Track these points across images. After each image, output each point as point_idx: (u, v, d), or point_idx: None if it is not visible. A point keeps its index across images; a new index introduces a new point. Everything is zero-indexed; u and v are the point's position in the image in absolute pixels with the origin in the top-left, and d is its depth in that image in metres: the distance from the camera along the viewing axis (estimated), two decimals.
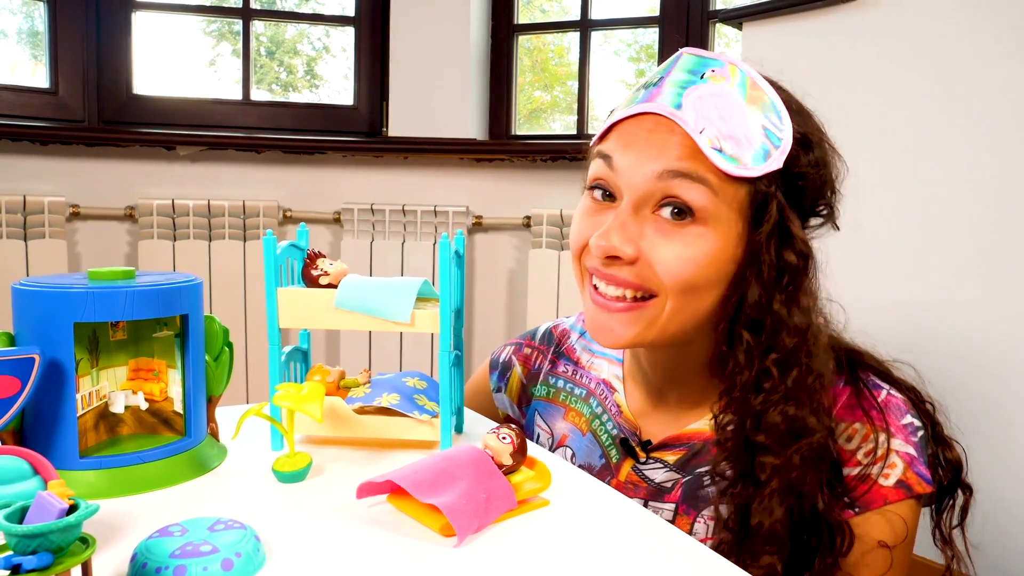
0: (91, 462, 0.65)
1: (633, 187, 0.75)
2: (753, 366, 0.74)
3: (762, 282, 0.74)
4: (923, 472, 0.76)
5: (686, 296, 0.75)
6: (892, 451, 0.76)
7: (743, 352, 0.74)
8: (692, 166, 0.72)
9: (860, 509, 0.75)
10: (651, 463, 0.85)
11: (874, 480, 0.75)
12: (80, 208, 2.31)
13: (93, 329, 0.69)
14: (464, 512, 0.56)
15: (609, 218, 0.76)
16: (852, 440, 0.77)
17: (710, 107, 0.73)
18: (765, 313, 0.74)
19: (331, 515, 0.60)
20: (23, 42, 2.44)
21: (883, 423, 0.77)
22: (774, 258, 0.73)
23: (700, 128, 0.72)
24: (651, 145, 0.74)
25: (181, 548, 0.49)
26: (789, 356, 0.73)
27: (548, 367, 1.01)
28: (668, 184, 0.73)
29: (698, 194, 0.72)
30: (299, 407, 0.65)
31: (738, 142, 0.72)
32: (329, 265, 0.75)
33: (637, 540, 0.58)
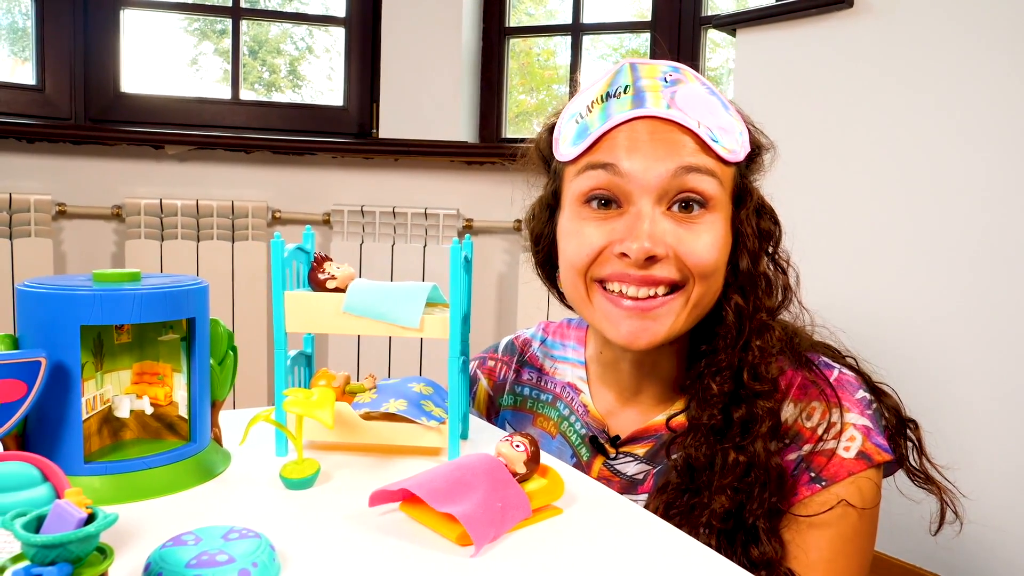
0: (96, 467, 0.63)
1: (648, 187, 0.77)
2: (744, 326, 0.79)
3: (748, 251, 0.81)
4: (880, 442, 0.79)
5: (708, 280, 0.80)
6: (849, 424, 0.78)
7: (733, 312, 0.80)
8: (702, 160, 0.78)
9: (826, 482, 0.77)
10: (621, 457, 0.88)
11: (836, 454, 0.78)
12: (66, 207, 2.28)
13: (98, 332, 0.68)
14: (481, 521, 0.55)
15: (620, 224, 0.79)
16: (812, 418, 0.79)
17: (694, 104, 0.79)
18: (753, 276, 0.81)
19: (343, 523, 0.59)
20: (4, 38, 2.41)
21: (837, 399, 0.79)
22: (755, 228, 0.82)
23: (697, 121, 0.78)
24: (659, 146, 0.77)
25: (197, 558, 0.48)
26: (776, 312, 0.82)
27: (513, 377, 1.04)
28: (683, 180, 0.77)
29: (709, 184, 0.78)
30: (310, 413, 0.65)
31: (726, 131, 0.80)
32: (336, 269, 0.74)
33: (651, 549, 0.58)
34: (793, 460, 0.79)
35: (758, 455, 0.76)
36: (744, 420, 0.78)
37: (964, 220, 1.53)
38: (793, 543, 0.78)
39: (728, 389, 0.79)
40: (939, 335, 1.56)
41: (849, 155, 1.71)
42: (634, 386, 0.90)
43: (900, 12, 1.62)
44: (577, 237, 0.82)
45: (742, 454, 0.76)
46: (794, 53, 1.80)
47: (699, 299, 0.80)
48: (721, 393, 0.78)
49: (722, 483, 0.76)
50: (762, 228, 0.83)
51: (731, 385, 0.79)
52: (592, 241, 0.80)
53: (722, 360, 0.80)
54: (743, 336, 0.80)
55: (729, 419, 0.78)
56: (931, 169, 1.57)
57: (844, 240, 1.71)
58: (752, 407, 0.78)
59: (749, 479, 0.76)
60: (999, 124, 1.47)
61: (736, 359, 0.79)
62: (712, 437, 0.78)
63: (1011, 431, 1.46)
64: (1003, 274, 1.47)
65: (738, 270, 0.81)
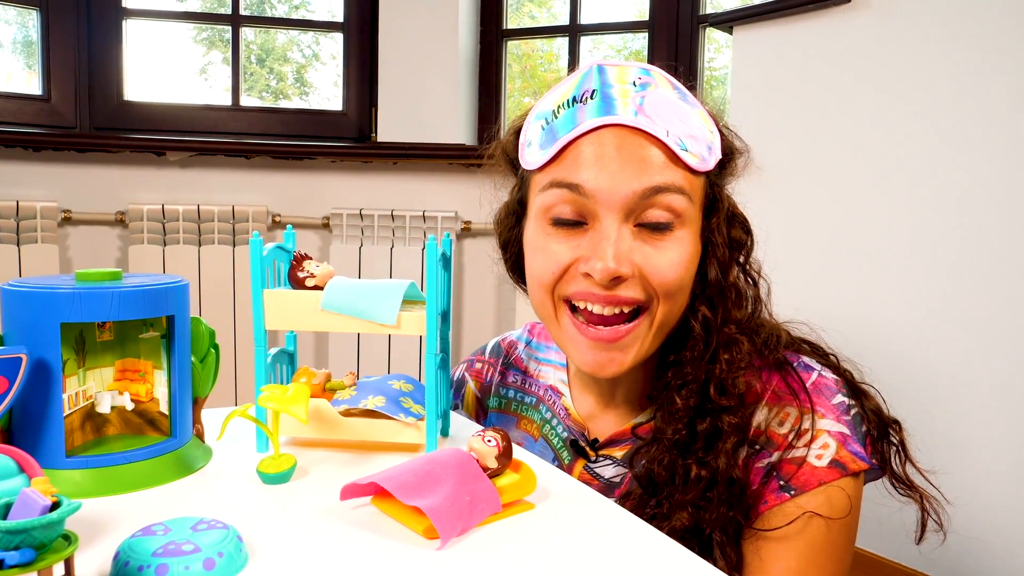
0: (77, 461, 0.65)
1: (615, 206, 0.75)
2: (711, 339, 0.78)
3: (718, 260, 0.79)
4: (857, 450, 0.76)
5: (673, 299, 0.78)
6: (823, 432, 0.76)
7: (700, 325, 0.78)
8: (671, 177, 0.75)
9: (796, 492, 0.75)
10: (601, 461, 0.87)
11: (807, 462, 0.75)
12: (72, 213, 2.31)
13: (80, 330, 0.69)
14: (448, 514, 0.56)
15: (586, 241, 0.76)
16: (784, 424, 0.77)
17: (663, 110, 0.76)
18: (723, 287, 0.79)
19: (314, 516, 0.60)
20: (18, 51, 2.44)
21: (810, 404, 0.77)
22: (726, 236, 0.79)
23: (666, 130, 0.74)
24: (627, 163, 0.74)
25: (163, 547, 0.49)
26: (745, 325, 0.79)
27: (498, 379, 1.03)
28: (652, 200, 0.75)
29: (678, 201, 0.75)
30: (284, 408, 0.66)
31: (696, 139, 0.76)
32: (315, 267, 0.75)
33: (622, 544, 0.59)
34: (763, 467, 0.77)
35: (720, 471, 0.74)
36: (708, 434, 0.76)
37: (966, 218, 1.52)
38: (759, 554, 0.76)
39: (693, 403, 0.77)
40: (928, 335, 1.56)
41: (847, 153, 1.71)
42: (609, 391, 0.89)
43: (898, 8, 1.62)
44: (543, 254, 0.79)
45: (704, 469, 0.74)
46: (791, 50, 1.80)
47: (664, 319, 0.78)
48: (686, 408, 0.76)
49: (683, 499, 0.74)
50: (733, 237, 0.80)
51: (697, 399, 0.77)
52: (558, 259, 0.78)
53: (688, 373, 0.78)
54: (710, 348, 0.77)
55: (693, 433, 0.76)
56: (931, 166, 1.57)
57: (839, 237, 1.71)
58: (717, 421, 0.76)
59: (710, 494, 0.74)
60: (999, 122, 1.47)
61: (703, 372, 0.77)
62: (675, 451, 0.76)
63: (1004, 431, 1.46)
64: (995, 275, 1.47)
65: (707, 280, 0.79)
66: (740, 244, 0.81)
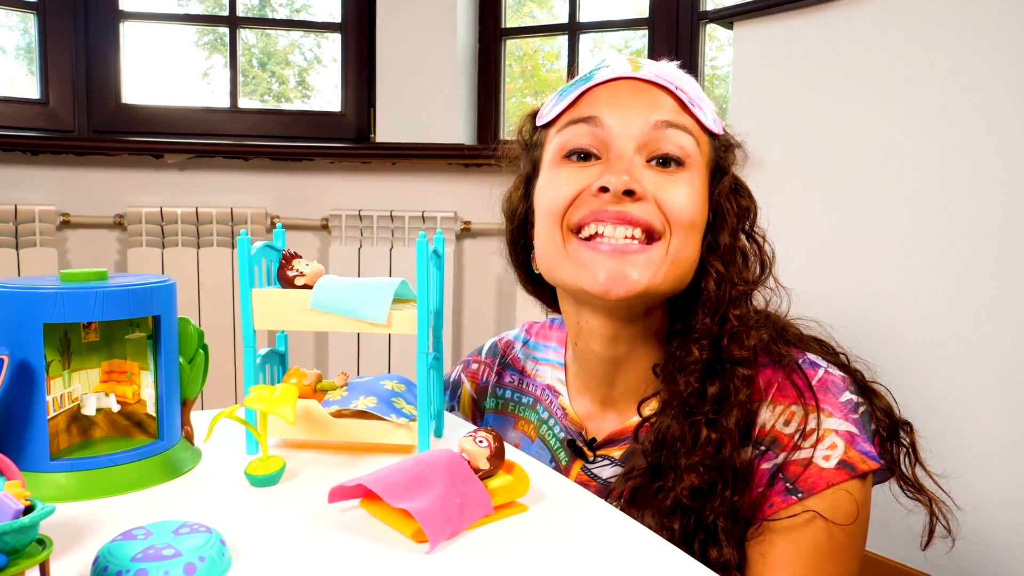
0: (62, 464, 0.64)
1: (629, 137, 0.78)
2: (724, 295, 0.79)
3: (728, 226, 0.81)
4: (866, 449, 0.74)
5: (687, 234, 0.79)
6: (830, 431, 0.74)
7: (714, 282, 0.79)
8: (681, 118, 0.79)
9: (803, 494, 0.73)
10: (599, 461, 0.86)
11: (814, 463, 0.73)
12: (70, 217, 2.31)
13: (65, 330, 0.68)
14: (437, 517, 0.55)
15: (598, 169, 0.79)
16: (790, 424, 0.75)
17: (675, 75, 0.82)
18: (734, 250, 0.81)
19: (302, 520, 0.59)
20: (21, 58, 2.43)
21: (816, 403, 0.75)
22: (734, 205, 0.82)
23: (677, 87, 0.80)
24: (641, 101, 0.79)
25: (143, 551, 0.48)
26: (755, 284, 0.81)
27: (495, 379, 1.02)
28: (663, 133, 0.78)
29: (688, 141, 0.79)
30: (271, 409, 0.64)
31: (704, 103, 0.82)
32: (305, 266, 0.74)
33: (617, 548, 0.57)
34: (769, 468, 0.75)
35: (730, 433, 0.74)
36: (718, 397, 0.75)
37: (970, 212, 1.51)
38: (765, 557, 0.74)
39: (707, 356, 0.76)
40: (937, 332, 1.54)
41: (850, 147, 1.69)
42: (607, 380, 0.87)
43: (900, 3, 1.60)
44: (554, 186, 0.81)
45: (714, 430, 0.74)
46: (793, 46, 1.78)
47: (677, 254, 0.78)
48: (700, 359, 0.76)
49: (692, 461, 0.73)
50: (740, 205, 0.83)
51: (710, 352, 0.77)
52: (570, 186, 0.79)
53: (702, 328, 0.78)
54: (723, 304, 0.78)
55: (703, 393, 0.76)
56: (935, 161, 1.55)
57: (842, 232, 1.69)
58: (729, 380, 0.76)
59: (720, 456, 0.73)
60: (1004, 115, 1.45)
61: (716, 326, 0.78)
62: (686, 408, 0.76)
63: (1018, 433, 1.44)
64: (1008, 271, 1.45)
65: (718, 243, 0.81)
66: (746, 212, 0.83)
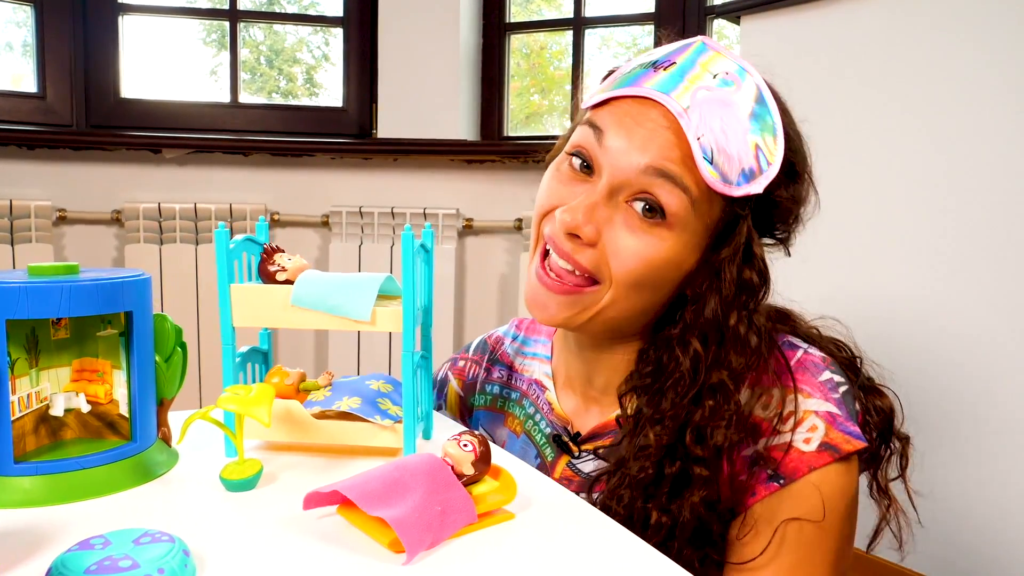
0: (26, 467, 0.61)
1: (616, 171, 0.72)
2: (698, 378, 0.72)
3: (720, 297, 0.73)
4: (849, 428, 0.71)
5: (628, 290, 0.74)
6: (810, 412, 0.71)
7: (690, 360, 0.73)
8: (679, 171, 0.71)
9: (785, 480, 0.70)
10: (584, 456, 0.84)
11: (794, 447, 0.70)
12: (67, 212, 2.28)
13: (32, 327, 0.65)
14: (415, 526, 0.52)
15: (582, 192, 0.74)
16: (768, 408, 0.72)
17: (715, 115, 0.71)
18: (720, 328, 0.73)
19: (276, 527, 0.56)
20: (27, 55, 2.41)
21: (794, 383, 0.72)
22: (735, 275, 0.73)
23: (700, 134, 0.70)
24: (646, 134, 0.72)
25: (99, 563, 0.45)
26: (738, 377, 0.72)
27: (484, 375, 0.99)
28: (651, 180, 0.71)
29: (676, 200, 0.71)
30: (245, 410, 0.61)
31: (729, 158, 0.71)
32: (287, 260, 0.71)
33: (607, 558, 0.54)
34: (749, 455, 0.72)
35: (685, 520, 0.69)
36: (676, 478, 0.71)
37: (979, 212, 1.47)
38: (750, 547, 0.71)
39: (666, 442, 0.71)
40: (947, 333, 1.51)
41: (857, 144, 1.65)
42: (586, 376, 0.86)
43: None
44: (547, 186, 0.79)
45: (666, 516, 0.70)
46: (800, 41, 1.75)
47: (611, 305, 0.74)
48: (658, 446, 0.71)
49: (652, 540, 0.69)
50: (744, 278, 0.73)
51: (671, 438, 0.71)
52: (552, 195, 0.77)
53: (666, 410, 0.72)
54: (695, 388, 0.72)
55: (660, 474, 0.71)
56: (944, 159, 1.52)
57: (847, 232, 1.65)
58: (687, 467, 0.71)
59: (671, 543, 0.70)
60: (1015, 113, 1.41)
61: (683, 412, 0.71)
62: (637, 490, 0.71)
63: None
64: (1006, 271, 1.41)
65: (702, 315, 0.73)
66: (750, 288, 0.74)
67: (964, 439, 1.46)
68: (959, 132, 1.49)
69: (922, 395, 1.52)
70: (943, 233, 1.52)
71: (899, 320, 1.58)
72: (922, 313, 1.55)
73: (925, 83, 1.54)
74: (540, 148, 2.62)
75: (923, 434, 0.84)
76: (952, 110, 1.50)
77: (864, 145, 1.64)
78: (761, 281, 0.74)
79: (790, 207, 0.77)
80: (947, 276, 1.51)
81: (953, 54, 1.50)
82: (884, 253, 1.61)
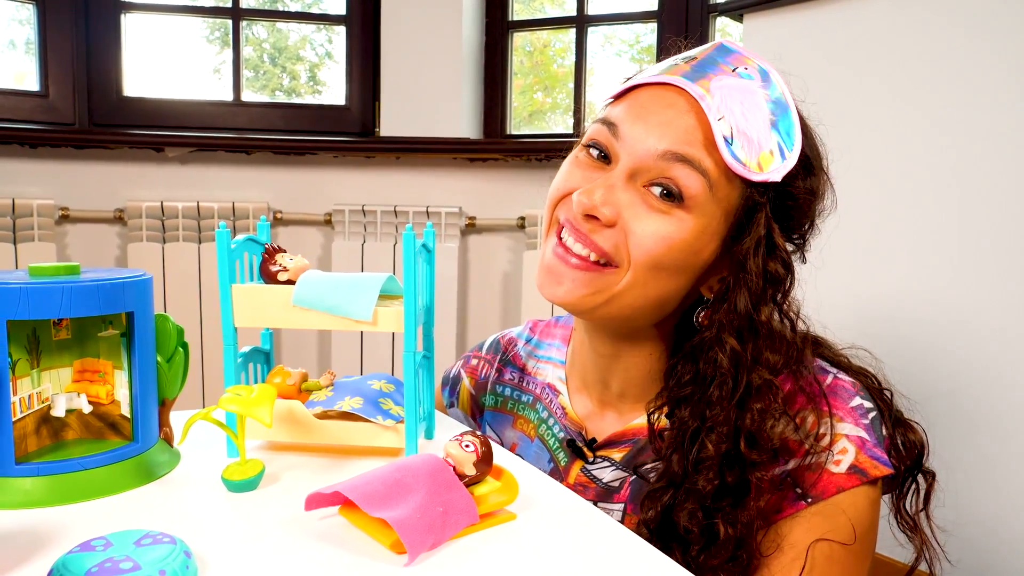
0: (27, 468, 0.61)
1: (634, 156, 0.73)
2: (741, 379, 0.71)
3: (749, 291, 0.73)
4: (877, 454, 0.72)
5: (647, 274, 0.73)
6: (841, 436, 0.72)
7: (728, 359, 0.72)
8: (697, 154, 0.71)
9: (813, 500, 0.71)
10: (599, 462, 0.83)
11: (825, 468, 0.71)
12: (69, 211, 2.28)
13: (33, 327, 0.65)
14: (417, 527, 0.52)
15: (599, 177, 0.74)
16: (800, 429, 0.72)
17: (735, 99, 0.72)
18: (753, 322, 0.72)
19: (277, 528, 0.56)
20: (31, 52, 2.41)
21: (828, 407, 0.72)
22: (760, 267, 0.73)
23: (720, 116, 0.71)
24: (664, 120, 0.72)
25: (100, 565, 0.45)
26: (778, 371, 0.72)
27: (495, 376, 0.99)
28: (669, 165, 0.71)
29: (695, 183, 0.71)
30: (247, 411, 0.61)
31: (750, 142, 0.71)
32: (289, 260, 0.71)
33: (610, 558, 0.54)
34: (779, 475, 0.72)
35: (753, 532, 0.69)
36: (738, 485, 0.70)
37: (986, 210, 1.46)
38: (772, 565, 0.71)
39: (724, 451, 0.70)
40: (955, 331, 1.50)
41: (861, 143, 1.65)
42: (603, 379, 0.85)
43: None
44: (563, 172, 0.79)
45: (732, 527, 0.69)
46: (803, 39, 1.74)
47: (628, 289, 0.73)
48: (717, 455, 0.70)
49: (712, 562, 0.69)
50: (768, 270, 0.73)
51: (728, 446, 0.70)
52: (568, 180, 0.77)
53: (718, 415, 0.71)
54: (739, 390, 0.71)
55: (724, 484, 0.70)
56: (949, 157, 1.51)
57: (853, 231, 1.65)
58: (747, 474, 0.70)
59: (740, 553, 0.69)
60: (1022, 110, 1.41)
61: (733, 416, 0.71)
62: (705, 505, 0.70)
63: None
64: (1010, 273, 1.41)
65: (735, 310, 0.72)
66: (776, 279, 0.73)
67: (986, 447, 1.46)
68: (962, 129, 1.49)
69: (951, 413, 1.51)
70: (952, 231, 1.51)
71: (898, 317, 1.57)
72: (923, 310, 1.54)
73: (929, 80, 1.54)
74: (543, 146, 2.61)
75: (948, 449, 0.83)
76: (956, 106, 1.50)
77: (869, 143, 1.63)
78: (786, 271, 0.74)
79: (809, 200, 0.76)
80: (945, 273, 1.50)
81: (958, 51, 1.49)
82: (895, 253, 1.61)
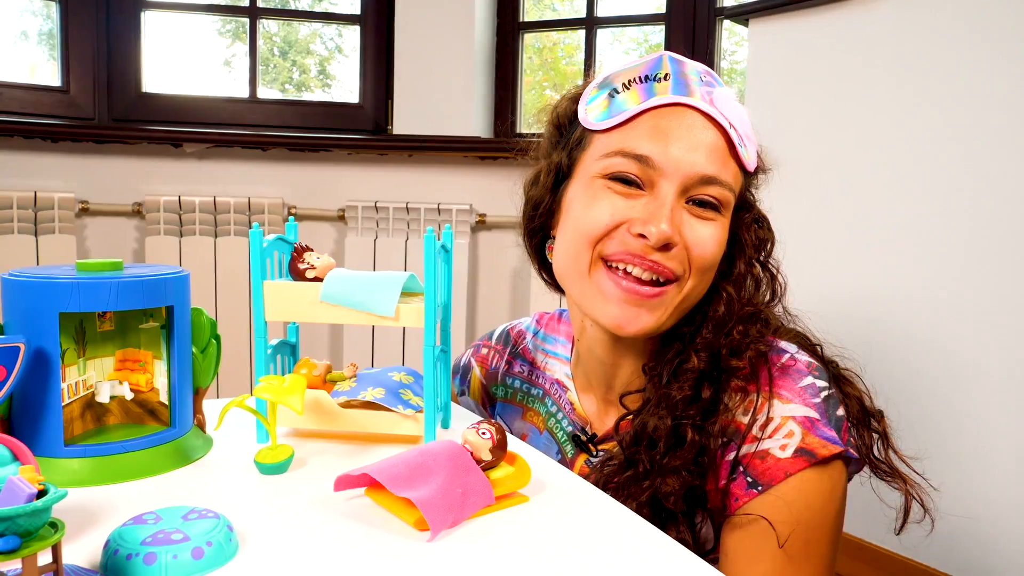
0: (75, 450, 0.65)
1: (676, 179, 0.77)
2: (733, 313, 0.80)
3: (745, 257, 0.83)
4: (827, 434, 0.73)
5: (701, 278, 0.80)
6: (788, 418, 0.74)
7: (724, 304, 0.80)
8: (726, 172, 0.79)
9: (763, 487, 0.72)
10: (601, 456, 0.87)
11: (771, 454, 0.73)
12: (89, 204, 2.33)
13: (80, 319, 0.70)
14: (439, 507, 0.56)
15: (639, 204, 0.77)
16: (748, 413, 0.75)
17: (727, 106, 0.79)
18: (746, 276, 0.83)
19: (308, 507, 0.60)
20: (43, 43, 2.46)
21: (772, 389, 0.76)
22: (754, 237, 0.83)
23: (732, 123, 0.79)
24: (696, 146, 0.77)
25: (153, 536, 0.50)
26: (764, 308, 0.82)
27: (504, 367, 1.03)
28: (707, 187, 0.78)
29: (727, 194, 0.80)
30: (279, 399, 0.66)
31: (749, 140, 0.82)
32: (316, 259, 0.75)
33: (615, 538, 0.58)
34: (730, 461, 0.74)
35: (713, 438, 0.75)
36: (708, 403, 0.76)
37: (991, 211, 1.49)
38: (734, 554, 0.74)
39: (704, 367, 0.77)
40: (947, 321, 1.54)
41: (866, 145, 1.68)
42: (606, 381, 0.89)
43: None
44: (595, 207, 0.79)
45: (699, 434, 0.74)
46: (808, 43, 1.77)
47: (690, 292, 0.79)
48: (697, 368, 0.77)
49: (673, 463, 0.74)
50: (759, 237, 0.84)
51: (708, 364, 0.77)
52: (611, 214, 0.78)
53: (706, 339, 0.79)
54: (729, 322, 0.79)
55: (696, 398, 0.76)
56: (951, 159, 1.54)
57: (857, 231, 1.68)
58: (722, 389, 0.76)
59: (702, 460, 0.74)
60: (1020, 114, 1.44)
61: (718, 341, 0.78)
62: (674, 412, 0.76)
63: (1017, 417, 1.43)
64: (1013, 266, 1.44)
65: (732, 270, 0.82)
66: (763, 243, 0.85)
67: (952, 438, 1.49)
68: (967, 132, 1.52)
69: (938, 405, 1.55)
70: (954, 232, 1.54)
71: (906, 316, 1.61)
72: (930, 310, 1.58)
73: (933, 83, 1.57)
74: None
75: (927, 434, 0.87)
76: (961, 109, 1.53)
77: (869, 146, 1.67)
78: (771, 235, 0.85)
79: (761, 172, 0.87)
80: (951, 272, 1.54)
81: (961, 57, 1.52)
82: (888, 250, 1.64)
